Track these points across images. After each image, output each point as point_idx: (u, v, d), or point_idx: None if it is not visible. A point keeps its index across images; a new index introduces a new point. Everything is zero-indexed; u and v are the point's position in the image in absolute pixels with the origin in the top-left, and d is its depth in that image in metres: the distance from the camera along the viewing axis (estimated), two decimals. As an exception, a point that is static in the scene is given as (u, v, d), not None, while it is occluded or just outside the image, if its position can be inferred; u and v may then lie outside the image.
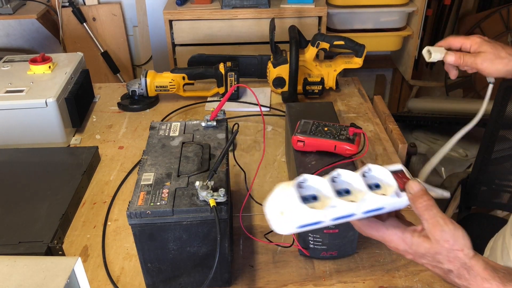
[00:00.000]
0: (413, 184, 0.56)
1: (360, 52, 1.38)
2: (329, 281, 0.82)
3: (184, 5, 1.99)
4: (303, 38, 1.40)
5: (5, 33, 2.46)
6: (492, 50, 0.83)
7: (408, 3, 2.18)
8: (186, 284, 0.78)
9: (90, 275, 0.84)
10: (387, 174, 0.58)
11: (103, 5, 2.39)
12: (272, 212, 0.55)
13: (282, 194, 0.55)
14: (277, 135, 1.25)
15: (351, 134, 0.86)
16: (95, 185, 1.07)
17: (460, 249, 0.54)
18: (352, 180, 0.58)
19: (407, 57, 2.33)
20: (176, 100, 1.41)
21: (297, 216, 0.54)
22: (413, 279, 0.82)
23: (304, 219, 0.54)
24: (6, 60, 1.35)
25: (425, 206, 0.55)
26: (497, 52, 0.83)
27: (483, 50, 0.84)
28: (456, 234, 0.54)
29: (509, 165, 1.39)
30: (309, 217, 0.54)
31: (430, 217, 0.55)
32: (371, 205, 0.56)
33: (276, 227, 0.56)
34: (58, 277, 0.49)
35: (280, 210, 0.54)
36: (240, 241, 0.91)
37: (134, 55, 2.57)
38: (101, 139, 1.25)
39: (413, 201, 0.56)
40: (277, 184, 0.57)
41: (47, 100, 1.12)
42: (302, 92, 1.40)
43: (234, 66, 1.36)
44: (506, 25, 2.27)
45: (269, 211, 0.56)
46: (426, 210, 0.55)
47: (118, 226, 0.95)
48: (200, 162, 0.79)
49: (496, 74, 0.84)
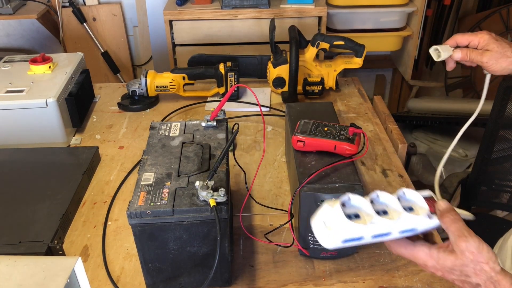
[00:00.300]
0: (442, 203, 0.61)
1: (360, 52, 1.38)
2: (329, 281, 0.82)
3: (184, 5, 1.99)
4: (303, 38, 1.40)
5: (6, 33, 2.46)
6: (499, 49, 0.84)
7: (408, 3, 2.19)
8: (186, 284, 0.78)
9: (90, 275, 0.84)
10: (419, 198, 0.63)
11: (103, 5, 2.39)
12: (319, 226, 0.60)
13: (328, 210, 0.60)
14: (277, 135, 1.25)
15: (351, 134, 0.86)
16: (95, 185, 1.08)
17: (485, 261, 0.56)
18: (389, 201, 0.63)
19: (407, 57, 2.33)
20: (176, 100, 1.41)
21: (342, 231, 0.58)
22: (413, 279, 0.82)
23: (349, 234, 0.59)
24: (6, 60, 1.35)
25: (451, 220, 0.59)
26: (504, 51, 0.84)
27: (490, 48, 0.85)
28: (480, 247, 0.56)
29: (509, 165, 1.39)
30: (353, 232, 0.59)
31: (456, 229, 0.58)
32: (406, 225, 0.60)
33: (322, 240, 0.60)
34: (59, 277, 0.49)
35: (327, 225, 0.59)
36: (240, 241, 0.91)
37: (134, 55, 2.57)
38: (101, 139, 1.25)
39: (441, 216, 0.60)
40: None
41: (47, 100, 1.13)
42: (302, 92, 1.41)
43: (234, 66, 1.36)
44: (506, 25, 2.27)
45: (315, 226, 0.61)
46: (452, 223, 0.58)
47: (118, 226, 0.95)
48: (200, 162, 0.79)
49: (500, 72, 0.85)
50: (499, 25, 2.29)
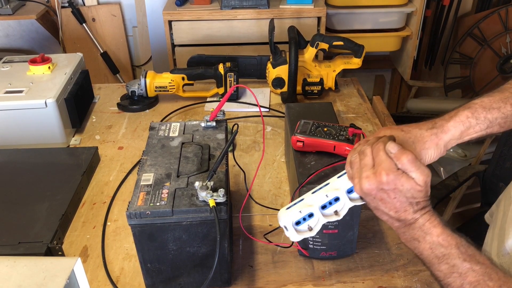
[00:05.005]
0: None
1: (359, 53, 1.38)
2: (329, 281, 0.82)
3: (183, 5, 1.99)
4: (302, 39, 1.40)
5: (5, 33, 2.46)
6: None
7: (407, 4, 2.19)
8: (186, 284, 0.78)
9: (90, 275, 0.84)
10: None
11: (102, 5, 2.39)
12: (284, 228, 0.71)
13: (281, 213, 0.72)
14: (277, 136, 1.25)
15: (350, 134, 0.86)
16: (95, 186, 1.08)
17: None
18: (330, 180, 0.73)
19: (406, 57, 2.33)
20: (176, 101, 1.41)
21: (286, 217, 0.69)
22: (412, 279, 0.82)
23: (295, 215, 0.69)
24: (5, 60, 1.35)
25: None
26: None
27: None
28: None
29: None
30: (295, 212, 0.69)
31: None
32: (342, 184, 0.68)
33: (288, 235, 0.71)
34: (58, 277, 0.49)
35: (281, 220, 0.71)
36: (240, 241, 0.91)
37: (134, 56, 2.57)
38: (100, 139, 1.25)
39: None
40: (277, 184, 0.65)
41: (46, 100, 1.13)
42: (301, 93, 1.41)
43: (233, 67, 1.36)
44: (504, 26, 2.27)
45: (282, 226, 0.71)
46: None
47: (118, 227, 0.95)
48: (199, 162, 0.79)
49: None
50: (498, 25, 2.29)
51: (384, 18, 2.19)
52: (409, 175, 0.60)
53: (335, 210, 0.69)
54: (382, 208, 0.64)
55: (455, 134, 0.67)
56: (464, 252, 0.60)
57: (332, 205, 0.69)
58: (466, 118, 0.67)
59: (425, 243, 0.62)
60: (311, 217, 0.69)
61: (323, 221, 0.69)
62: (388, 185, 0.61)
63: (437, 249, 0.61)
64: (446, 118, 0.68)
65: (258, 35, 1.97)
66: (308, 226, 0.69)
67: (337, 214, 0.69)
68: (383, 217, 0.66)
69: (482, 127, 0.67)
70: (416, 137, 0.67)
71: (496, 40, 2.31)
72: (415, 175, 0.60)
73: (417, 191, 0.61)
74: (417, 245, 0.64)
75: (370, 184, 0.62)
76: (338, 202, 0.69)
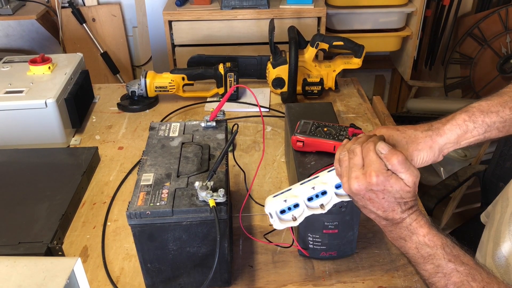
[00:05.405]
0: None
1: (359, 53, 1.38)
2: (329, 281, 0.82)
3: (183, 5, 1.99)
4: (302, 39, 1.40)
5: (5, 33, 2.46)
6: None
7: (407, 4, 2.19)
8: (186, 284, 0.78)
9: (90, 275, 0.84)
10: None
11: (102, 5, 2.39)
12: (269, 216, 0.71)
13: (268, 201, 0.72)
14: (277, 136, 1.25)
15: (350, 134, 0.86)
16: (95, 186, 1.08)
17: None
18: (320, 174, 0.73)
19: (406, 57, 2.33)
20: (176, 101, 1.41)
21: (271, 205, 0.70)
22: (412, 279, 0.82)
23: (278, 205, 0.70)
24: (5, 60, 1.35)
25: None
26: None
27: None
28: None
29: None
30: (280, 202, 0.70)
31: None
32: (329, 179, 0.69)
33: (274, 225, 0.71)
34: (58, 277, 0.49)
35: (268, 212, 0.71)
36: (240, 241, 0.91)
37: (134, 56, 2.57)
38: (100, 139, 1.25)
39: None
40: (277, 185, 0.65)
41: (46, 100, 1.13)
42: (301, 93, 1.41)
43: (233, 67, 1.36)
44: (504, 26, 2.27)
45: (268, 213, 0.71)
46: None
47: (118, 227, 0.95)
48: (199, 162, 0.79)
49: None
50: (498, 25, 2.29)
51: (384, 18, 2.19)
52: (398, 176, 0.61)
53: (321, 203, 0.70)
54: (370, 207, 0.64)
55: (451, 138, 0.67)
56: (449, 253, 0.60)
57: (319, 198, 0.70)
58: (463, 122, 0.67)
59: (411, 242, 0.63)
60: (296, 207, 0.70)
61: (308, 213, 0.70)
62: (377, 186, 0.61)
63: (423, 249, 0.62)
64: (443, 121, 0.68)
65: (258, 35, 1.97)
66: (293, 216, 0.70)
67: (322, 208, 0.69)
68: (370, 215, 0.66)
69: (480, 131, 0.67)
70: (410, 138, 0.67)
71: (496, 40, 2.31)
72: (404, 176, 0.60)
73: (405, 192, 0.61)
74: (403, 244, 0.64)
75: (360, 185, 0.62)
76: (325, 196, 0.69)
